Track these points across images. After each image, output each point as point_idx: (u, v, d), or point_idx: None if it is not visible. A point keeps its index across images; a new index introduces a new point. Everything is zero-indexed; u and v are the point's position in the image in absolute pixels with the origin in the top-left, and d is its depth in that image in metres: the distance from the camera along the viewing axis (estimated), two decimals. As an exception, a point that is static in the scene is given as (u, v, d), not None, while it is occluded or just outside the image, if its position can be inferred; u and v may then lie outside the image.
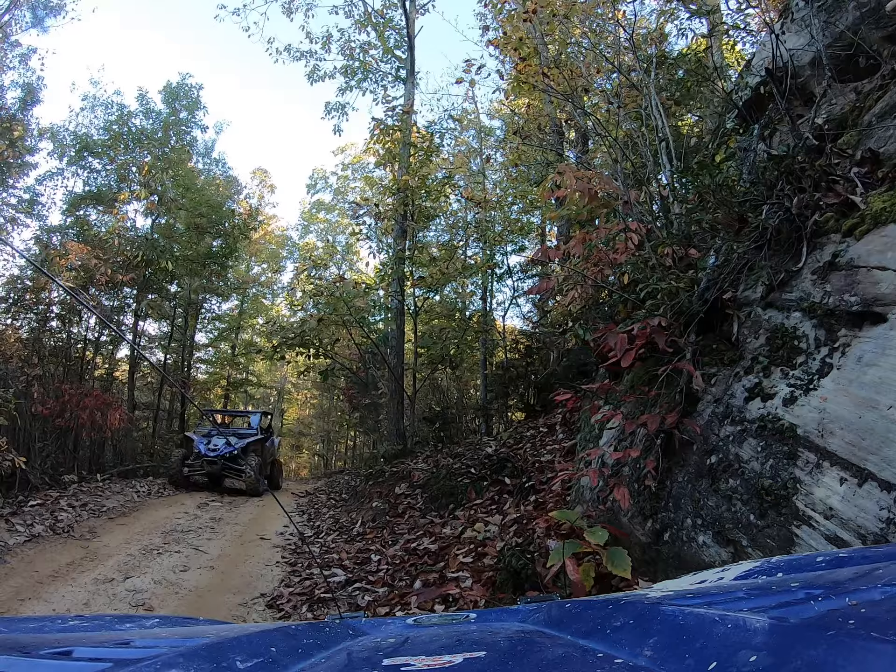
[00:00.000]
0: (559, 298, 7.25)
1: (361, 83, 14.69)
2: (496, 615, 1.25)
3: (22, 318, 11.52)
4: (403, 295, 11.37)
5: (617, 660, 0.68)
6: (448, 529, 5.64)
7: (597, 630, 0.85)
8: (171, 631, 1.25)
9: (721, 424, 3.26)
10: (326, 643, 0.96)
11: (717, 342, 3.90)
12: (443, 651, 0.83)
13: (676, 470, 3.32)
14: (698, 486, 3.17)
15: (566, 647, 0.82)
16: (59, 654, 0.76)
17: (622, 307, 4.38)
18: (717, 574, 1.21)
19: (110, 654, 0.80)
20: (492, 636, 1.00)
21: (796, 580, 0.91)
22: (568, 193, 6.79)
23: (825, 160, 3.86)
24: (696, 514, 3.13)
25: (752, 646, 0.59)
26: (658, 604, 0.92)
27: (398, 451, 9.74)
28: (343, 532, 6.80)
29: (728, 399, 3.35)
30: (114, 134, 13.76)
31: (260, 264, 26.47)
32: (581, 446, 5.03)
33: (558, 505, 4.83)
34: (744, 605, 0.80)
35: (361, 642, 1.01)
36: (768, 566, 1.15)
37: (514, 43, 7.07)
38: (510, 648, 0.90)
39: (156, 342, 17.31)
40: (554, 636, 0.90)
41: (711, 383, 3.55)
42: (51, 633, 1.09)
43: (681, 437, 3.32)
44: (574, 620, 0.99)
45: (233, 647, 0.84)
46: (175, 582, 5.10)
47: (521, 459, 6.81)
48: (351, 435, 26.39)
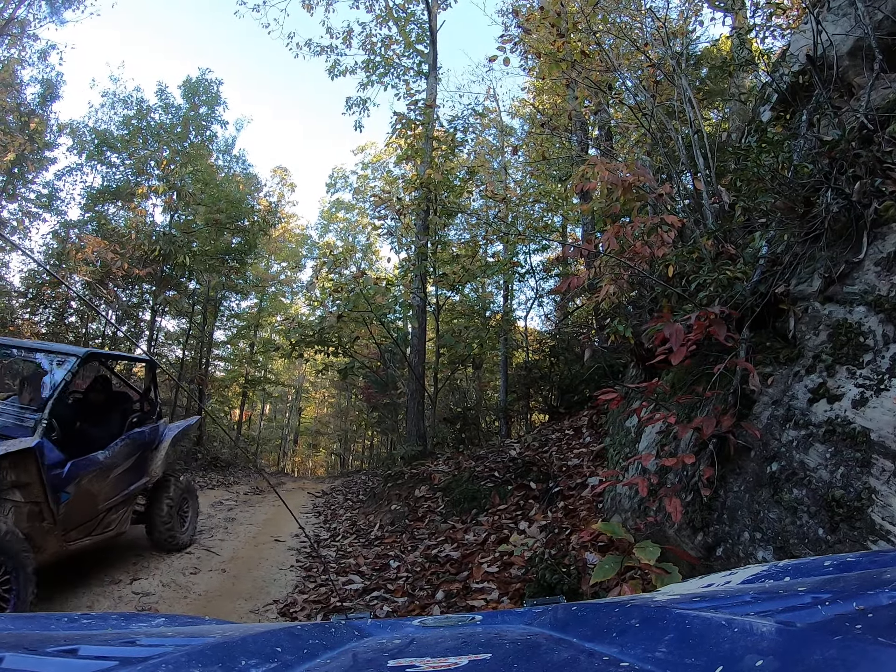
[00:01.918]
0: (591, 295, 6.94)
1: (383, 78, 14.46)
2: (502, 617, 1.23)
3: (40, 312, 11.47)
4: (425, 292, 11.08)
5: (623, 663, 0.67)
6: (471, 536, 5.35)
7: (603, 633, 0.84)
8: (177, 630, 1.23)
9: (782, 428, 2.94)
10: (332, 644, 0.95)
11: (770, 339, 3.58)
12: (448, 653, 0.82)
13: (731, 478, 3.00)
14: (758, 497, 2.85)
15: (572, 649, 0.81)
16: (66, 651, 0.76)
17: (666, 301, 4.06)
18: (725, 578, 1.21)
19: (116, 652, 0.81)
20: (497, 638, 0.98)
21: (803, 584, 0.90)
22: (599, 185, 6.49)
23: (877, 148, 3.55)
24: (756, 527, 2.81)
25: (759, 650, 0.58)
26: (665, 607, 0.91)
27: (418, 453, 9.45)
28: (360, 535, 6.53)
29: (789, 401, 3.03)
30: (133, 128, 13.67)
31: (279, 262, 26.35)
32: (615, 451, 4.72)
33: (591, 513, 4.52)
34: (751, 609, 0.79)
35: (367, 643, 1.00)
36: (776, 570, 1.14)
37: (551, 18, 6.76)
38: (516, 651, 0.88)
39: (173, 339, 17.19)
40: (560, 639, 0.89)
41: (768, 383, 3.23)
42: (57, 631, 1.08)
43: (736, 443, 3.00)
44: (580, 623, 0.98)
45: (238, 646, 0.84)
46: (184, 585, 4.87)
47: (546, 463, 6.51)
48: (368, 434, 26.20)
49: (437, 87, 13.59)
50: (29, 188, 14.00)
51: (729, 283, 3.43)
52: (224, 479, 12.52)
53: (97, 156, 13.65)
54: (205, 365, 18.28)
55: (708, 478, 2.88)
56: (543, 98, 15.53)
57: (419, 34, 14.31)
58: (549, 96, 14.72)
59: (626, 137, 9.78)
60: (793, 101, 6.29)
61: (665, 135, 8.43)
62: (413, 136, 11.89)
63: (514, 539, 3.85)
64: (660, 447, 3.69)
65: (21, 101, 12.49)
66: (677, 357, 2.99)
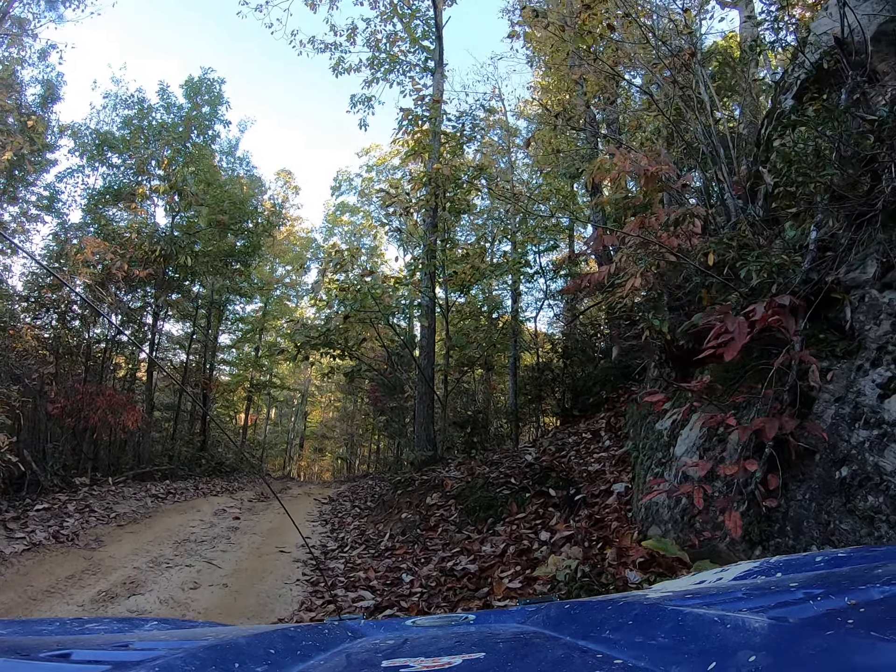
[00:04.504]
0: (611, 292, 6.63)
1: (388, 75, 14.21)
2: (495, 616, 1.20)
3: (43, 316, 11.22)
4: (434, 291, 10.72)
5: (616, 660, 0.67)
6: (488, 547, 5.01)
7: (596, 631, 0.83)
8: (170, 633, 1.22)
9: (851, 428, 2.60)
10: (325, 645, 0.94)
11: (822, 331, 3.25)
12: (442, 653, 0.81)
13: (794, 485, 2.66)
14: (826, 506, 2.51)
15: (565, 648, 0.80)
16: (58, 656, 0.75)
17: (706, 293, 3.71)
18: (717, 574, 1.20)
19: (109, 656, 0.80)
20: (491, 637, 0.97)
21: (795, 580, 0.91)
22: (619, 176, 6.20)
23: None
24: (825, 539, 2.47)
25: (752, 645, 0.57)
26: (657, 604, 0.91)
27: (428, 458, 9.11)
28: (370, 546, 6.18)
29: (855, 397, 2.69)
30: (134, 128, 13.43)
31: (284, 265, 26.12)
32: (645, 455, 4.37)
33: (622, 523, 4.18)
34: (743, 606, 0.79)
35: (360, 644, 0.99)
36: (767, 566, 1.14)
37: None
38: (509, 650, 0.88)
39: (177, 342, 16.91)
40: (553, 637, 0.87)
41: (828, 379, 2.89)
42: (49, 635, 1.08)
43: (797, 445, 2.66)
44: (573, 621, 0.96)
45: (231, 649, 0.83)
46: (183, 602, 4.55)
47: (566, 469, 6.17)
48: (374, 438, 25.92)
49: (444, 84, 13.33)
50: (30, 191, 13.77)
51: (780, 269, 3.09)
52: (228, 485, 12.20)
53: (98, 156, 13.40)
54: (209, 369, 18.00)
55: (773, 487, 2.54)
56: (550, 97, 15.29)
57: (425, 30, 14.08)
58: (557, 94, 14.48)
59: (638, 132, 9.45)
60: (818, 87, 6.00)
61: (682, 126, 8.15)
62: (421, 132, 11.61)
63: (552, 560, 3.48)
64: (702, 451, 3.35)
65: (21, 104, 12.27)
66: (731, 352, 2.65)
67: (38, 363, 9.64)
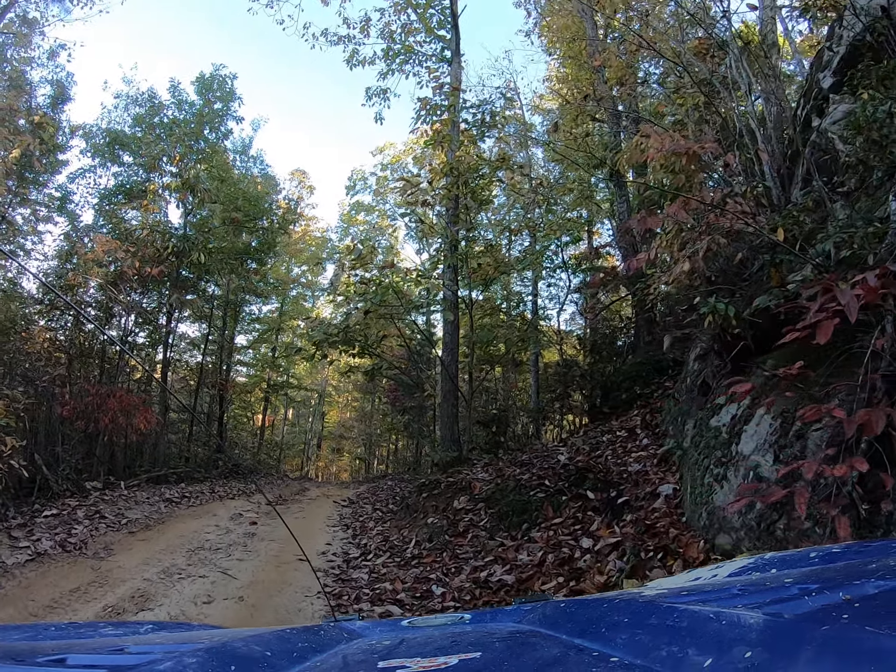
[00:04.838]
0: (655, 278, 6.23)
1: (403, 66, 13.92)
2: (491, 616, 1.19)
3: (56, 319, 11.02)
4: (458, 284, 10.30)
5: (612, 658, 0.67)
6: (524, 555, 4.62)
7: (592, 629, 0.82)
8: (166, 637, 1.20)
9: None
10: (321, 646, 0.93)
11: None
12: (438, 653, 0.80)
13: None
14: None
15: (562, 646, 0.80)
16: (54, 661, 0.75)
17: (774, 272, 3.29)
18: (712, 571, 1.20)
19: (105, 660, 0.81)
20: (487, 637, 0.96)
21: (790, 576, 0.89)
22: (656, 157, 5.78)
23: None
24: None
25: (748, 641, 0.56)
26: (653, 602, 0.89)
27: (453, 459, 8.72)
28: (395, 553, 5.81)
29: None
30: (145, 125, 13.24)
31: (300, 265, 25.93)
32: (701, 454, 3.95)
33: (675, 526, 3.78)
34: (739, 602, 0.78)
35: (356, 645, 0.97)
36: (762, 562, 1.13)
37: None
38: (506, 649, 0.87)
39: (192, 343, 16.69)
40: (549, 636, 0.86)
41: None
42: (45, 640, 1.06)
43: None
44: (569, 620, 0.94)
45: (227, 651, 0.81)
46: (195, 617, 4.21)
47: (603, 469, 5.77)
48: (392, 438, 25.62)
49: (461, 73, 12.97)
50: (42, 192, 13.62)
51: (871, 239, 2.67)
52: (245, 488, 11.89)
53: (109, 154, 13.22)
54: (226, 370, 17.78)
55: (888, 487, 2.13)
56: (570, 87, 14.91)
57: (440, 20, 13.74)
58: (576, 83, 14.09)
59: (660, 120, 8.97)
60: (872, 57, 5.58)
61: (713, 109, 7.75)
62: (440, 121, 11.27)
63: (584, 562, 3.07)
64: (777, 449, 2.94)
65: (32, 105, 12.09)
66: (824, 334, 2.25)
67: (49, 365, 9.42)
